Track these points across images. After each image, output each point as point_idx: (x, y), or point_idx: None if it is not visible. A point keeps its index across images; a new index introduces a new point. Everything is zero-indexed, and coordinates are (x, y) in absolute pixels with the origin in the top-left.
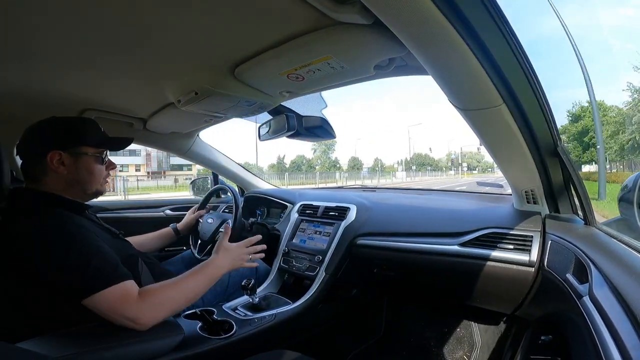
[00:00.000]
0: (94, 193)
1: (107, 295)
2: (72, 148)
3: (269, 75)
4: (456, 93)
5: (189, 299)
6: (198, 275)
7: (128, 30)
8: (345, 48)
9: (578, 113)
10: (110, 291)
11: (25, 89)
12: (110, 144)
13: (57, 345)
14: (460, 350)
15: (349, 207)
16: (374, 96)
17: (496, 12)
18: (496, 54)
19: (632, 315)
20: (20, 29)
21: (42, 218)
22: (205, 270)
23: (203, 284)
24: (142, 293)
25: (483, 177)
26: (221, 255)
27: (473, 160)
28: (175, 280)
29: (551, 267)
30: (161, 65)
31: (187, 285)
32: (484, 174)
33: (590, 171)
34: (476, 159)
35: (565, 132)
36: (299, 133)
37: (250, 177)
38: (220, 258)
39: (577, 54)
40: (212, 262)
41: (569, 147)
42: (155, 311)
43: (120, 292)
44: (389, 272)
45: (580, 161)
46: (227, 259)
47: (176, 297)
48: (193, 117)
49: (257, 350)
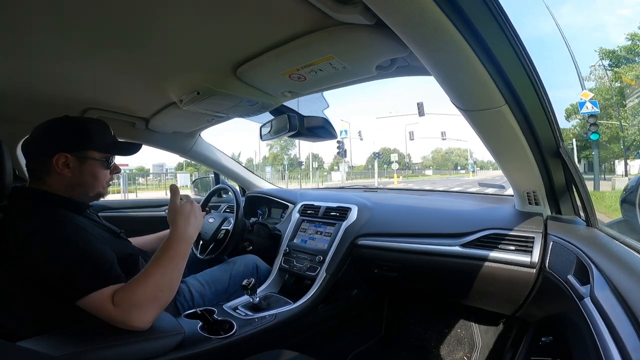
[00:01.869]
0: (95, 196)
1: (96, 298)
2: (79, 151)
3: (271, 75)
4: (458, 94)
5: (170, 286)
6: (168, 257)
7: (131, 30)
8: (347, 48)
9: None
10: (99, 294)
11: (28, 89)
12: (118, 150)
13: (58, 344)
14: (461, 351)
15: (350, 207)
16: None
17: (499, 13)
18: (498, 54)
19: (633, 316)
20: (23, 29)
21: (41, 218)
22: (173, 247)
23: (177, 263)
24: (115, 298)
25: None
26: (180, 222)
27: (461, 158)
28: (144, 273)
29: (552, 269)
30: (163, 65)
31: (161, 273)
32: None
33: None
34: (464, 157)
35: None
36: (300, 133)
37: (252, 177)
38: (181, 226)
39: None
40: (175, 236)
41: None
42: (140, 312)
43: (107, 296)
44: (390, 272)
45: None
46: (187, 224)
47: (153, 290)
48: (195, 117)
49: (257, 350)
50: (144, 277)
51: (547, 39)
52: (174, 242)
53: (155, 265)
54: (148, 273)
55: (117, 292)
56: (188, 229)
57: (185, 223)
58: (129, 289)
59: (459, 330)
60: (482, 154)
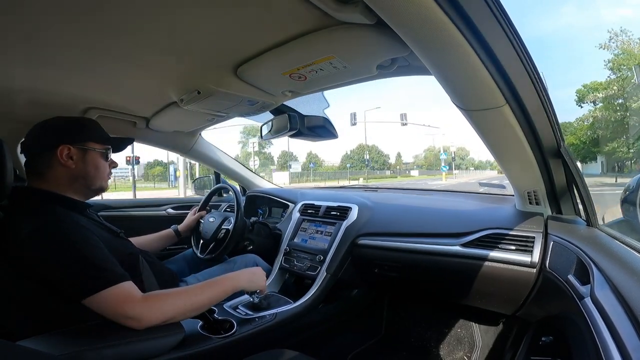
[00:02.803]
0: (98, 189)
1: (108, 296)
2: (81, 143)
3: (272, 74)
4: (459, 93)
5: (196, 308)
6: (212, 286)
7: (131, 29)
8: (347, 48)
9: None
10: (110, 291)
11: (29, 89)
12: (113, 143)
13: (58, 344)
14: (461, 350)
15: (350, 207)
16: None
17: (499, 12)
18: (499, 54)
19: (633, 316)
20: (24, 30)
21: (42, 217)
22: (224, 285)
23: (215, 294)
24: (151, 295)
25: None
26: (247, 276)
27: (456, 158)
28: (188, 288)
29: (553, 268)
30: (164, 64)
31: (198, 294)
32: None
33: None
34: (460, 156)
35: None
36: (300, 132)
37: (252, 177)
38: (244, 279)
39: None
40: (234, 279)
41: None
42: (158, 313)
43: (121, 292)
44: (390, 272)
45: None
46: (247, 280)
47: (182, 305)
48: (195, 116)
49: (257, 349)
50: (190, 291)
51: (548, 39)
52: (229, 282)
53: (206, 286)
54: (195, 290)
55: (157, 293)
56: (242, 281)
57: (248, 279)
58: (170, 294)
59: (459, 330)
60: (477, 153)
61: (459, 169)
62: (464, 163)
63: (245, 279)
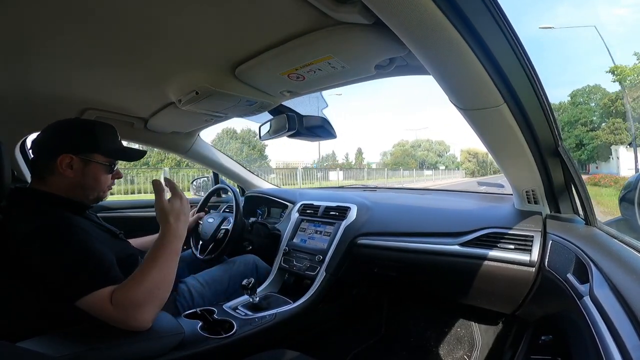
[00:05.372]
0: (94, 200)
1: (95, 299)
2: (84, 154)
3: (270, 74)
4: (457, 93)
5: (165, 283)
6: (161, 256)
7: (129, 30)
8: (346, 48)
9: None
10: (97, 294)
11: (26, 89)
12: (122, 156)
13: (58, 345)
14: (461, 350)
15: (349, 206)
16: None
17: (497, 12)
18: (497, 53)
19: (632, 315)
20: (21, 29)
21: (41, 218)
22: (166, 246)
23: (171, 261)
24: (113, 298)
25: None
26: (170, 220)
27: (430, 154)
28: (140, 272)
29: (552, 267)
30: (162, 64)
31: (156, 271)
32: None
33: None
34: (436, 152)
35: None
36: (299, 133)
37: (251, 177)
38: (172, 224)
39: None
40: (167, 234)
41: None
42: (138, 311)
43: (105, 296)
44: (390, 272)
45: None
46: (178, 221)
47: (150, 289)
48: (194, 117)
49: (257, 349)
50: (140, 276)
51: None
52: (166, 240)
53: (150, 264)
54: (143, 272)
55: (114, 292)
56: (179, 226)
57: (175, 220)
58: (126, 288)
59: (459, 330)
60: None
61: (434, 169)
62: (441, 161)
63: (181, 225)
